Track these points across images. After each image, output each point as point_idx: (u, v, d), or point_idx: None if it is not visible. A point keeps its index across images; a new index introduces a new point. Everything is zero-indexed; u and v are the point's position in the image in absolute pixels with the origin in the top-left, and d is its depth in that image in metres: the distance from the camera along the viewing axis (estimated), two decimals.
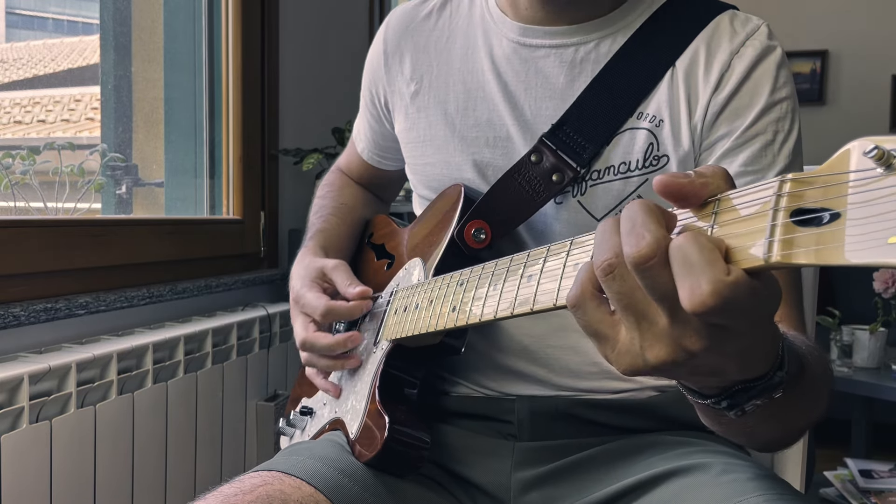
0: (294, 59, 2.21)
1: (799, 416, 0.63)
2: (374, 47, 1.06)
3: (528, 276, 0.62)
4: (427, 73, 0.97)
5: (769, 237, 0.41)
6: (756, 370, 0.52)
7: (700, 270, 0.43)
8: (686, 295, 0.43)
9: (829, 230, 0.39)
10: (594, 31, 0.89)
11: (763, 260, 0.41)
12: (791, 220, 0.41)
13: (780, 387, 0.53)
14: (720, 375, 0.51)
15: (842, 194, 0.39)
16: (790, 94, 0.85)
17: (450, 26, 0.98)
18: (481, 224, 0.87)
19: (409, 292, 0.87)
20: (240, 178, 2.04)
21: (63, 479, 1.26)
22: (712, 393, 0.54)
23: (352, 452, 0.86)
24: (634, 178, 0.86)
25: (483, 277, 0.70)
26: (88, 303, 1.44)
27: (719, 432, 0.65)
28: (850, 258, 0.37)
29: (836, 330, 2.83)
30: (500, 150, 0.91)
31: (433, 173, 0.96)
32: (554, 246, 0.60)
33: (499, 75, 0.92)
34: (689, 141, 0.85)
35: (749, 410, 0.54)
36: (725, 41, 0.86)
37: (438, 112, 0.95)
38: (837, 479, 2.29)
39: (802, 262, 0.40)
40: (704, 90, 0.85)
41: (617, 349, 0.49)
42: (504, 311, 0.64)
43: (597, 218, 0.86)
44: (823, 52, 4.05)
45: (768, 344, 0.52)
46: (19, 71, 1.95)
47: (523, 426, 0.89)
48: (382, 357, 0.87)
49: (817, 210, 0.40)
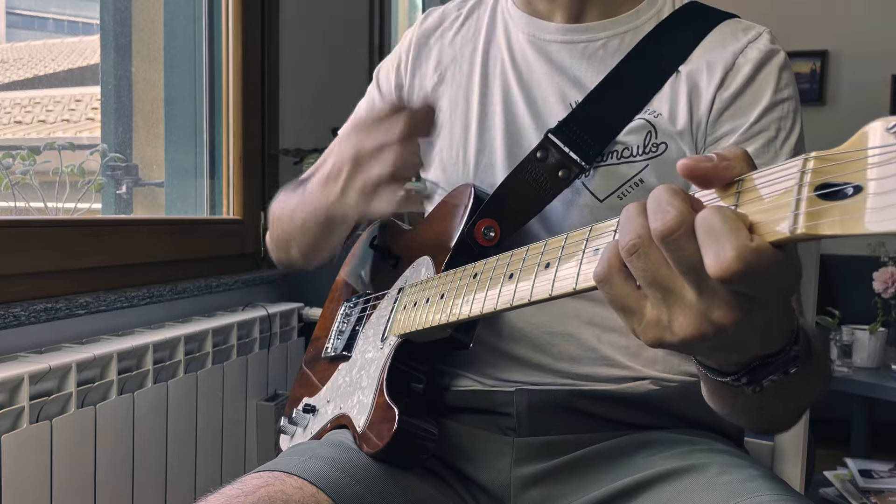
0: (294, 59, 2.21)
1: (806, 394, 0.65)
2: (402, 42, 1.09)
3: (545, 265, 0.63)
4: (451, 65, 1.02)
5: (795, 210, 0.43)
6: (776, 344, 0.54)
7: (725, 237, 0.44)
8: (711, 261, 0.45)
9: (853, 202, 0.40)
10: (603, 30, 0.94)
11: (789, 232, 0.43)
12: (815, 194, 0.42)
13: (796, 361, 0.55)
14: (742, 350, 0.53)
15: (863, 168, 0.40)
16: (792, 96, 0.89)
17: (476, 27, 1.03)
18: (490, 222, 0.90)
19: (418, 288, 0.88)
20: (240, 178, 2.04)
21: (63, 479, 1.26)
22: (732, 370, 0.56)
23: (359, 447, 0.87)
24: (637, 162, 0.89)
25: (499, 268, 0.71)
26: (88, 303, 1.44)
27: (725, 415, 0.67)
28: (869, 227, 0.39)
29: (836, 330, 2.83)
30: (511, 139, 0.95)
31: (448, 157, 0.99)
32: (572, 234, 0.61)
33: (515, 66, 0.96)
34: (688, 132, 0.88)
35: (766, 386, 0.55)
36: (729, 44, 0.89)
37: (457, 100, 0.99)
38: (837, 478, 2.29)
39: (827, 232, 0.41)
40: (708, 87, 0.88)
41: (644, 322, 0.51)
42: (521, 301, 0.65)
43: (599, 199, 0.89)
44: (823, 52, 4.05)
45: (786, 319, 0.53)
46: (19, 71, 1.96)
47: (522, 419, 0.90)
48: (390, 352, 0.88)
49: (841, 184, 0.41)
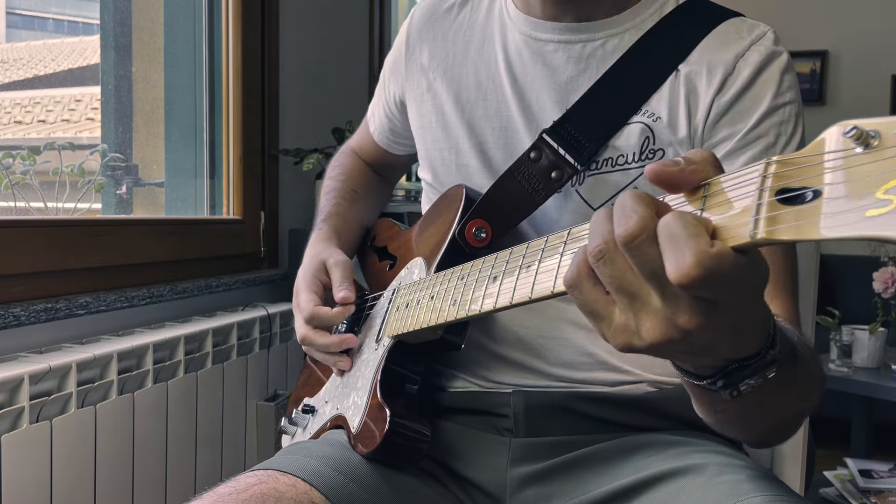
0: (294, 59, 2.21)
1: (791, 404, 0.65)
2: (398, 39, 1.09)
3: (526, 267, 0.64)
4: (443, 62, 1.00)
5: (755, 215, 0.43)
6: (749, 348, 0.54)
7: (684, 243, 0.45)
8: (672, 268, 0.45)
9: (811, 207, 0.40)
10: (602, 29, 0.90)
11: (749, 237, 0.43)
12: (776, 199, 0.42)
13: (772, 365, 0.55)
14: (713, 353, 0.53)
15: (822, 172, 0.41)
16: (794, 99, 0.86)
17: (469, 20, 1.01)
18: (482, 223, 0.89)
19: (410, 289, 0.89)
20: (240, 178, 2.04)
21: (63, 479, 1.26)
22: (707, 373, 0.56)
23: (353, 447, 0.87)
24: (632, 169, 0.87)
25: (484, 270, 0.72)
26: (88, 303, 1.44)
27: (715, 425, 0.66)
28: (824, 233, 0.39)
29: (835, 330, 2.83)
30: (504, 140, 0.94)
31: (441, 158, 0.99)
32: (552, 237, 0.62)
33: (510, 67, 0.94)
34: (686, 137, 0.86)
35: (744, 390, 0.55)
36: (731, 45, 0.86)
37: (451, 99, 0.98)
38: (837, 478, 2.29)
39: (784, 237, 0.42)
40: (707, 91, 0.85)
41: (613, 327, 0.51)
42: (504, 302, 0.66)
43: (594, 208, 0.88)
44: (823, 53, 4.05)
45: (759, 322, 0.53)
46: (20, 71, 1.96)
47: (519, 420, 0.90)
48: (384, 353, 0.89)
49: (800, 189, 0.41)
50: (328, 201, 1.13)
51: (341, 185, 1.15)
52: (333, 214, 1.10)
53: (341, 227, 1.08)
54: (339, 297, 0.95)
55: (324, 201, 1.14)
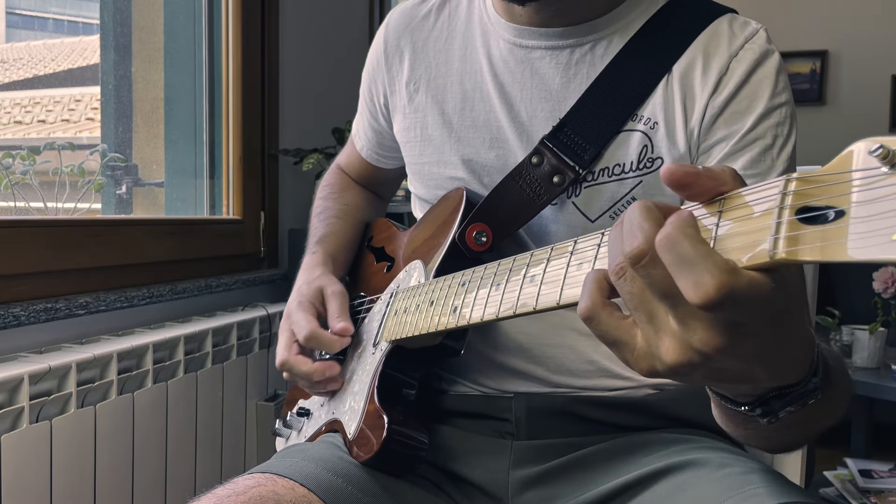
0: (294, 59, 2.21)
1: (823, 421, 0.62)
2: (374, 47, 1.06)
3: (531, 277, 0.62)
4: (426, 73, 0.97)
5: (774, 234, 0.41)
6: (790, 376, 0.51)
7: (701, 264, 0.43)
8: (691, 289, 0.43)
9: (834, 227, 0.39)
10: (589, 32, 0.88)
11: (769, 256, 0.42)
12: (796, 218, 0.41)
13: (814, 393, 0.53)
14: (750, 381, 0.50)
15: (846, 192, 0.39)
16: (789, 100, 0.85)
17: (449, 26, 0.98)
18: (482, 227, 0.87)
19: (409, 294, 0.87)
20: (240, 178, 2.04)
21: (63, 479, 1.26)
22: (746, 401, 0.54)
23: (349, 453, 0.86)
24: (629, 179, 0.85)
25: (486, 277, 0.70)
26: (88, 303, 1.44)
27: (739, 438, 0.65)
28: (853, 255, 0.38)
29: (835, 330, 2.83)
30: (495, 152, 0.91)
31: (430, 172, 0.97)
32: (557, 246, 0.61)
33: (496, 76, 0.92)
34: (684, 143, 0.85)
35: (782, 417, 0.54)
36: (724, 44, 0.85)
37: (436, 112, 0.95)
38: (837, 478, 2.28)
39: (807, 258, 0.40)
40: (702, 93, 0.84)
41: (636, 353, 0.49)
42: (506, 312, 0.64)
43: (591, 219, 0.86)
44: (823, 53, 4.05)
45: (797, 348, 0.50)
46: (19, 71, 1.95)
47: (521, 424, 0.89)
48: (382, 358, 0.87)
49: (822, 208, 0.40)
50: (320, 221, 1.10)
51: (332, 204, 1.13)
52: (329, 234, 1.07)
53: (336, 251, 1.05)
54: (339, 328, 0.91)
55: (315, 222, 1.11)
